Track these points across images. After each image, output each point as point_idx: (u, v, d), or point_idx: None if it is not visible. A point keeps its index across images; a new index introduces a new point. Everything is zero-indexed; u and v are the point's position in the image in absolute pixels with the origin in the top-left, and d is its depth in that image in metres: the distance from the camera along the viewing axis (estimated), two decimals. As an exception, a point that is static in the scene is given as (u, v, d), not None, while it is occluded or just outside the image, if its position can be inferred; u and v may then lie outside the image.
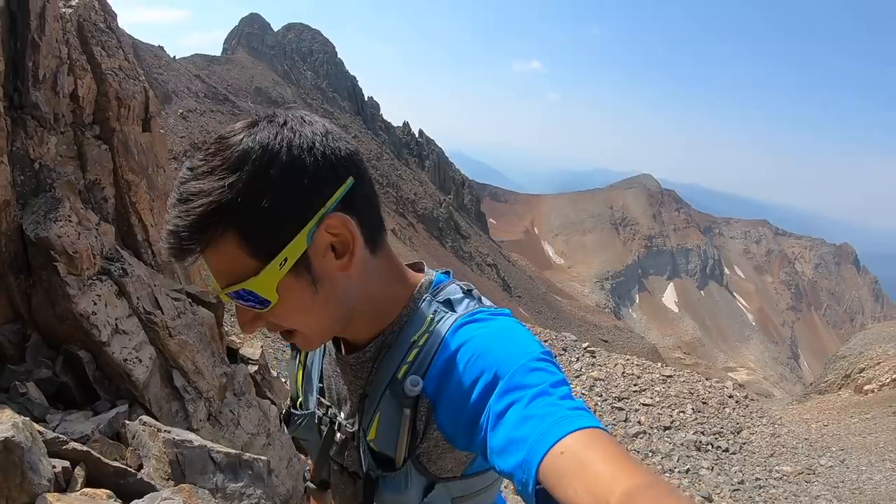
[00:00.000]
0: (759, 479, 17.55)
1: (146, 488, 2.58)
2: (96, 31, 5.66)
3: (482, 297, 1.12)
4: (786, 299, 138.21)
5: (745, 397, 24.68)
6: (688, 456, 19.43)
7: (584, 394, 24.07)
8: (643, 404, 22.70)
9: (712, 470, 18.54)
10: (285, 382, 6.97)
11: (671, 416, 21.82)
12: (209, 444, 3.29)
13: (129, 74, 5.80)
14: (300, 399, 1.26)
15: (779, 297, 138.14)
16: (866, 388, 28.27)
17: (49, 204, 4.18)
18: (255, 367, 6.08)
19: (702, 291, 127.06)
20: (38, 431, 2.40)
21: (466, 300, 1.08)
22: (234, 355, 5.93)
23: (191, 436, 3.25)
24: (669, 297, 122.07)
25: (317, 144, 0.89)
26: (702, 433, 20.79)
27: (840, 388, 30.74)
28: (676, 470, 18.65)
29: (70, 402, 3.85)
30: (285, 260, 0.88)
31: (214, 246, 0.87)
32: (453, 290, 1.10)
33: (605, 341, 52.70)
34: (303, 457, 5.75)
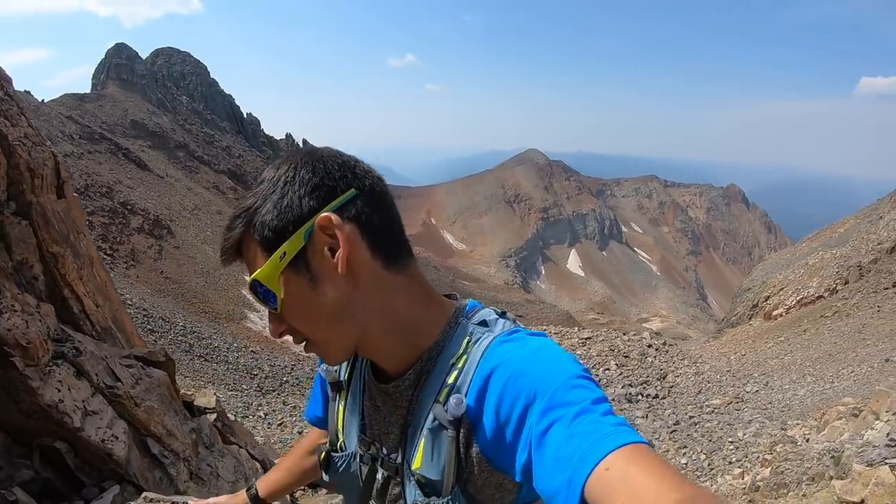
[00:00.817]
0: (693, 417, 18.68)
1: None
2: (-7, 100, 5.40)
3: (517, 320, 1.12)
4: (684, 245, 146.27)
5: (664, 344, 26.03)
6: (621, 409, 20.35)
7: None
8: (568, 370, 23.54)
9: (647, 417, 19.55)
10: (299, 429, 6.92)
11: (597, 375, 22.76)
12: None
13: (35, 141, 5.56)
14: (340, 441, 1.25)
15: (678, 245, 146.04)
16: (774, 313, 30.36)
17: (-13, 297, 4.02)
18: (214, 416, 6.04)
19: (604, 252, 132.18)
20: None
21: (502, 321, 1.09)
22: (191, 408, 5.85)
23: (204, 502, 3.27)
24: (574, 263, 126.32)
25: (321, 163, 1.00)
26: (630, 385, 21.85)
27: (750, 318, 32.87)
28: (612, 425, 19.50)
29: (55, 495, 3.75)
30: (284, 254, 0.97)
31: (243, 247, 1.02)
32: (488, 313, 1.11)
33: (520, 316, 53.80)
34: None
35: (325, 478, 1.26)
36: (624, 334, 27.14)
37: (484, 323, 1.08)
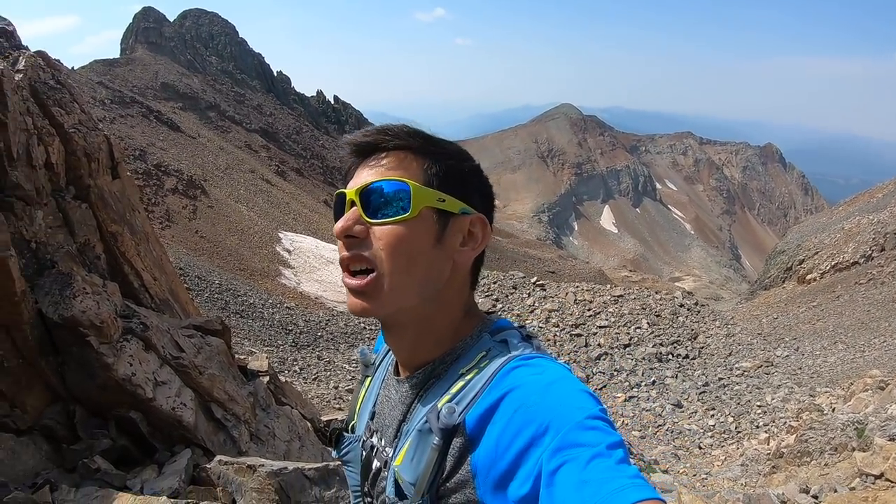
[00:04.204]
0: (723, 379, 18.84)
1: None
2: (49, 89, 5.66)
3: (542, 347, 1.08)
4: (719, 204, 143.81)
5: (696, 304, 25.97)
6: (651, 368, 20.62)
7: (540, 327, 24.88)
8: (600, 327, 23.70)
9: (676, 377, 19.80)
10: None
11: (629, 333, 22.97)
12: (299, 464, 3.71)
13: (89, 127, 5.86)
14: (353, 422, 1.28)
15: (712, 204, 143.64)
16: (808, 277, 29.88)
17: (60, 281, 4.34)
18: (267, 378, 6.43)
19: (637, 209, 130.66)
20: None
21: (523, 344, 1.05)
22: (245, 372, 6.23)
23: (279, 463, 3.65)
24: (607, 219, 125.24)
25: (489, 184, 1.14)
26: (660, 344, 22.03)
27: (784, 282, 32.42)
28: (643, 384, 19.78)
29: (131, 460, 4.14)
30: (443, 200, 1.03)
31: (396, 154, 1.05)
32: (512, 334, 1.08)
33: (553, 272, 53.61)
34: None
35: (333, 454, 1.27)
36: (656, 293, 27.04)
37: (504, 342, 1.06)
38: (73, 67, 45.82)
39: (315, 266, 37.18)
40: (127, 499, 2.81)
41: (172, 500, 3.13)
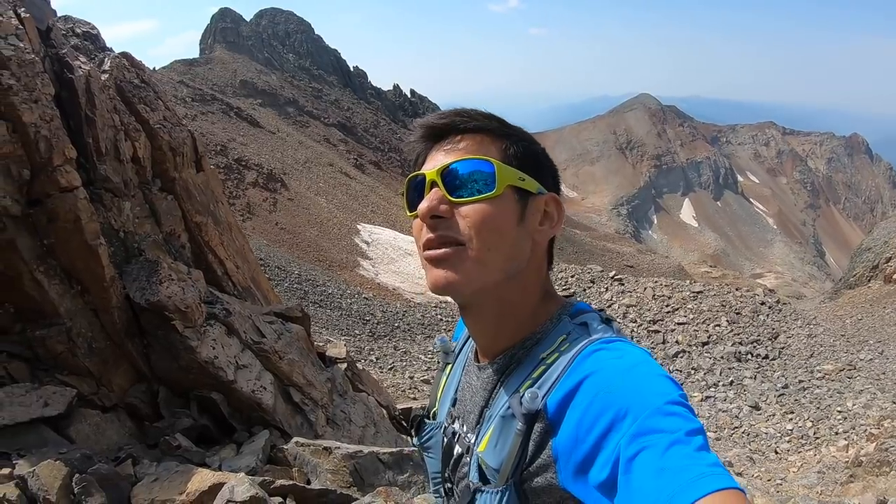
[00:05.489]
0: (803, 382, 17.94)
1: (346, 500, 3.08)
2: (134, 88, 5.95)
3: (621, 331, 1.08)
4: (803, 198, 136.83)
5: (778, 302, 24.87)
6: (729, 368, 19.94)
7: (617, 321, 24.30)
8: (678, 323, 23.04)
9: (755, 378, 19.04)
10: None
11: (707, 331, 22.24)
12: (374, 448, 3.83)
13: (173, 122, 6.14)
14: (435, 409, 1.28)
15: (796, 197, 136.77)
16: (895, 276, 28.25)
17: (147, 268, 4.59)
18: (345, 365, 6.59)
19: (718, 202, 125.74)
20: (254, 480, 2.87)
21: (604, 327, 1.05)
22: (324, 359, 6.41)
23: (354, 447, 3.77)
24: (687, 213, 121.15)
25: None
26: (740, 343, 21.24)
27: (869, 280, 30.52)
28: (720, 384, 19.15)
29: (210, 439, 4.34)
30: (524, 179, 1.04)
31: (472, 136, 1.07)
32: (592, 317, 1.07)
33: (631, 267, 52.43)
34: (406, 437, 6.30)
35: (414, 441, 1.29)
36: (737, 290, 26.08)
37: (584, 325, 1.05)
38: (154, 68, 47.91)
39: (393, 258, 37.49)
40: (205, 474, 2.95)
41: (249, 477, 3.24)
